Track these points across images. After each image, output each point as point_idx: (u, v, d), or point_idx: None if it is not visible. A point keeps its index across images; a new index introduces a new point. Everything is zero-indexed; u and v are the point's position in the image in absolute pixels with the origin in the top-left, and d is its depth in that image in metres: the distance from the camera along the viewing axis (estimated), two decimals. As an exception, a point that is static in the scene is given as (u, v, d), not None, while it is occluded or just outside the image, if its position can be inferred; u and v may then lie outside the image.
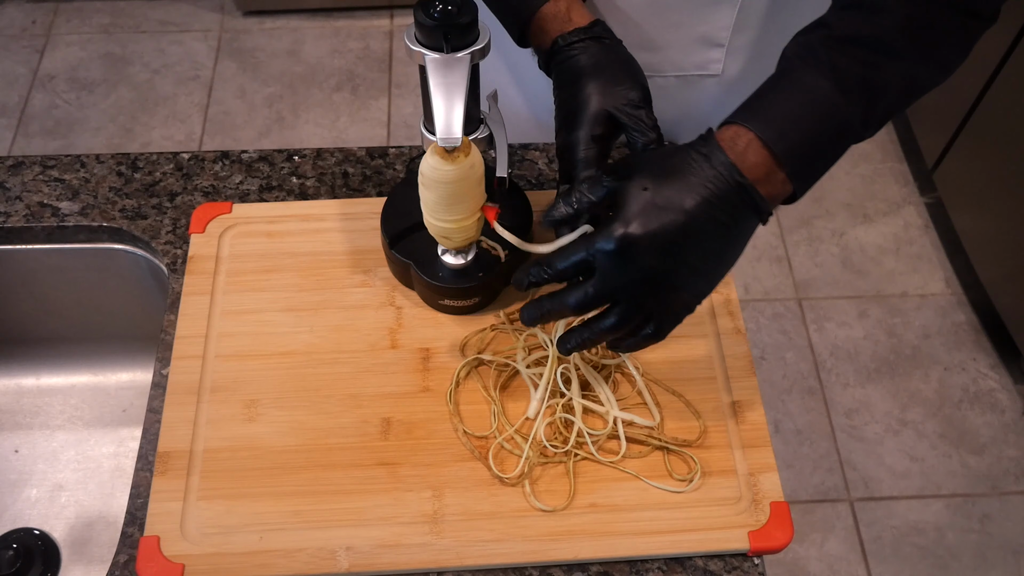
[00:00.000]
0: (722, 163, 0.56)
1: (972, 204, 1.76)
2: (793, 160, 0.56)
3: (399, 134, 2.06)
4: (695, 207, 0.55)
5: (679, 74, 0.84)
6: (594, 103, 0.63)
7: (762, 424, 0.71)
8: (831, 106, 0.56)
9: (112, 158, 0.87)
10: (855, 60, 0.56)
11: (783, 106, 0.57)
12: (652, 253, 0.56)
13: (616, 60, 0.66)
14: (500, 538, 0.65)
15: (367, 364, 0.73)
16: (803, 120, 0.56)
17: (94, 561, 0.86)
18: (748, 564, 0.66)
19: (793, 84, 0.57)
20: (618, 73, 0.65)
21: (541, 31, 0.68)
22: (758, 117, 0.56)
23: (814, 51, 0.57)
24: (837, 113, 0.56)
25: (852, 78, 0.56)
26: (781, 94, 0.57)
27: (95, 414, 0.95)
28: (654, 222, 0.55)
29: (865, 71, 0.56)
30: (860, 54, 0.56)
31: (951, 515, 1.56)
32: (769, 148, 0.56)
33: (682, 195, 0.55)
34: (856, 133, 0.58)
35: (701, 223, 0.55)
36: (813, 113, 0.56)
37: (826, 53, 0.56)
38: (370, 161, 0.87)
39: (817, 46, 0.57)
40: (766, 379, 1.70)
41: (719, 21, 0.79)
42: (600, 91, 0.63)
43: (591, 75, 0.64)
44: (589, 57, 0.65)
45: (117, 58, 2.19)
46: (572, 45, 0.66)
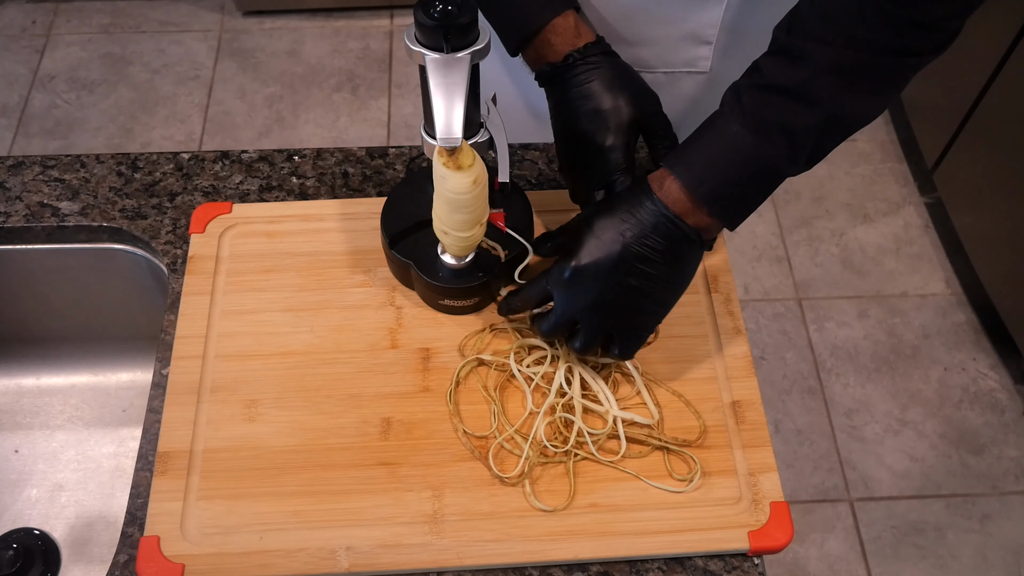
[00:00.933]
0: (650, 200, 0.62)
1: (972, 204, 1.76)
2: (712, 202, 0.62)
3: (399, 134, 2.06)
4: (631, 237, 0.62)
5: (667, 71, 0.85)
6: (625, 112, 0.67)
7: (762, 424, 0.71)
8: (749, 151, 0.60)
9: (112, 158, 0.87)
10: (774, 107, 0.60)
11: (703, 153, 0.62)
12: (598, 279, 0.64)
13: (631, 73, 0.70)
14: (500, 538, 0.65)
15: (367, 364, 0.73)
16: (720, 165, 0.61)
17: (94, 561, 0.86)
18: (748, 564, 0.66)
19: (716, 132, 0.62)
20: (640, 85, 0.69)
21: (547, 44, 0.69)
22: (681, 163, 0.62)
23: (739, 97, 0.61)
24: (756, 157, 0.60)
25: (770, 124, 0.60)
26: (703, 141, 0.62)
27: (95, 414, 0.95)
28: (595, 252, 0.63)
29: (783, 117, 0.59)
30: (779, 101, 0.60)
31: (951, 515, 1.56)
32: (687, 191, 0.61)
33: (618, 229, 0.63)
34: (783, 172, 0.62)
35: (637, 250, 0.63)
36: (731, 158, 0.61)
37: (748, 100, 0.60)
38: (370, 161, 0.87)
39: (743, 92, 0.61)
40: (766, 379, 1.70)
41: (707, 18, 0.80)
42: (628, 101, 0.68)
43: (615, 87, 0.68)
44: (607, 71, 0.68)
45: (117, 58, 2.19)
46: (588, 59, 0.68)
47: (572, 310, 0.66)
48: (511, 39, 0.71)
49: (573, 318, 0.66)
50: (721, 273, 0.79)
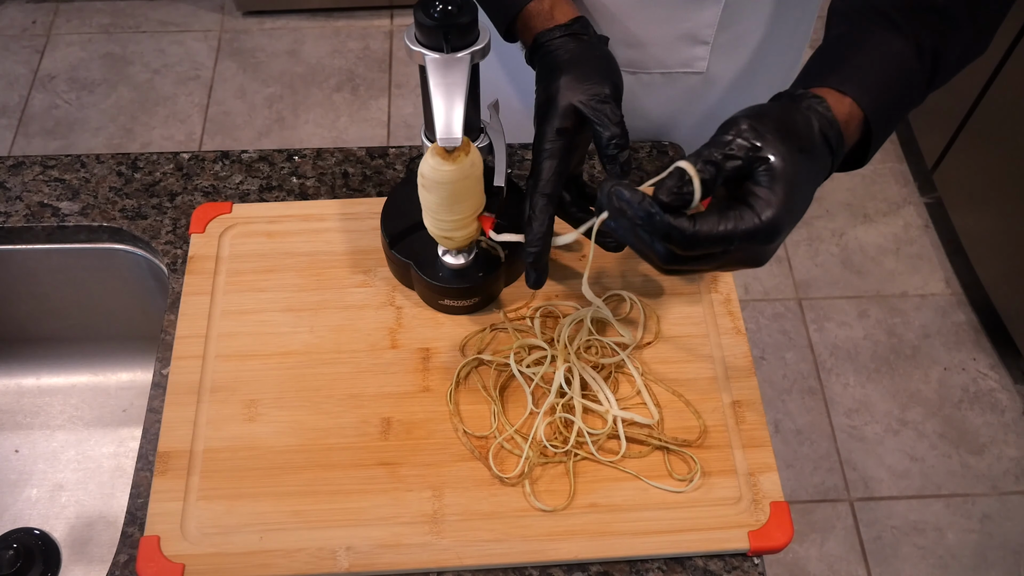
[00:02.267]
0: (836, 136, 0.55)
1: (972, 204, 1.76)
2: (879, 123, 0.57)
3: (399, 134, 2.06)
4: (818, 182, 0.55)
5: (664, 71, 0.85)
6: (562, 97, 0.64)
7: (762, 424, 0.71)
8: (910, 71, 0.57)
9: (112, 158, 0.87)
10: (927, 26, 0.57)
11: (872, 69, 0.57)
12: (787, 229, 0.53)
13: (590, 57, 0.66)
14: (500, 538, 0.65)
15: (367, 364, 0.73)
16: (890, 83, 0.57)
17: (94, 561, 0.86)
18: (748, 564, 0.66)
19: (877, 48, 0.57)
20: (590, 69, 0.65)
21: (525, 28, 0.70)
22: (853, 82, 0.56)
23: (888, 15, 0.58)
24: (913, 78, 0.58)
25: (926, 44, 0.57)
26: (868, 57, 0.57)
27: (95, 414, 0.95)
28: (800, 205, 0.53)
29: (935, 38, 0.58)
30: (931, 21, 0.57)
31: (951, 515, 1.56)
32: (864, 112, 0.56)
33: (814, 172, 0.54)
34: (918, 100, 0.59)
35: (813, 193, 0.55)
36: (897, 77, 0.57)
37: (902, 18, 0.57)
38: (370, 161, 0.87)
39: (890, 10, 0.58)
40: (766, 379, 1.70)
41: (704, 19, 0.80)
42: (569, 85, 0.64)
43: (563, 70, 0.65)
44: (565, 53, 0.66)
45: (117, 58, 2.19)
46: (551, 41, 0.67)
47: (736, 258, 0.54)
48: (498, 24, 0.72)
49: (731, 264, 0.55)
50: (721, 273, 0.79)
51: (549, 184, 0.64)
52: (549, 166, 0.64)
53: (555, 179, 0.65)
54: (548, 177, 0.64)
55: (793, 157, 0.52)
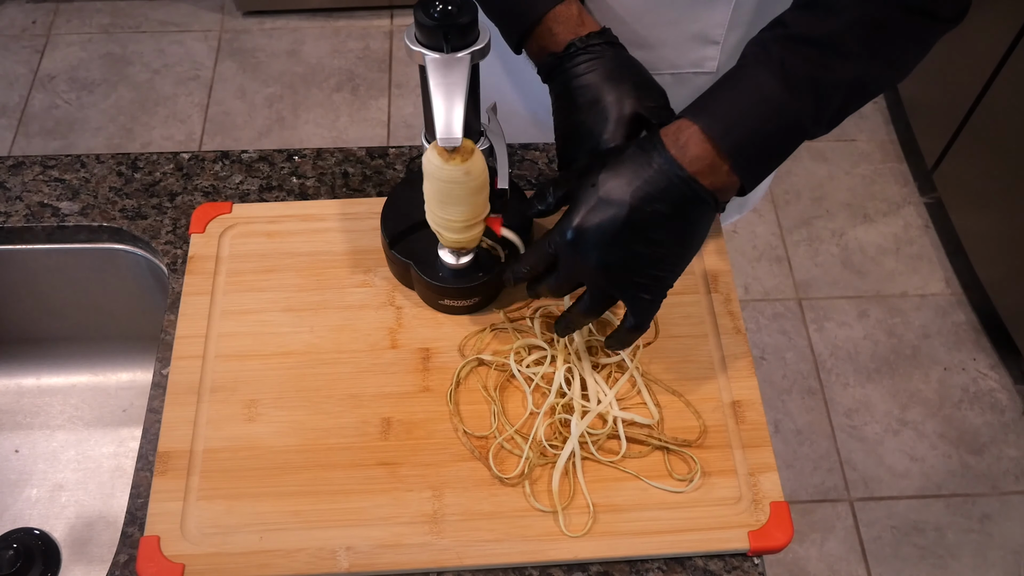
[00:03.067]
0: (663, 158, 0.58)
1: (972, 204, 1.76)
2: (737, 154, 0.58)
3: (399, 134, 2.06)
4: (636, 201, 0.58)
5: (674, 72, 0.85)
6: (625, 105, 0.65)
7: (762, 424, 0.71)
8: (778, 104, 0.57)
9: (112, 158, 0.87)
10: (805, 59, 0.57)
11: (731, 102, 0.58)
12: (600, 243, 0.60)
13: (634, 65, 0.67)
14: (500, 538, 0.65)
15: (367, 364, 0.73)
16: (749, 116, 0.58)
17: (94, 561, 0.86)
18: (748, 564, 0.66)
19: (742, 81, 0.59)
20: (643, 77, 0.67)
21: (549, 34, 0.68)
22: (706, 112, 0.58)
23: (767, 49, 0.58)
24: (784, 111, 0.58)
25: (801, 77, 0.57)
26: (730, 91, 0.59)
27: (95, 414, 0.95)
28: (597, 215, 0.59)
29: (814, 70, 0.57)
30: (810, 53, 0.57)
31: (951, 515, 1.56)
32: (712, 142, 0.57)
33: (624, 190, 0.59)
34: (806, 131, 0.59)
35: (643, 215, 0.59)
36: (760, 110, 0.58)
37: (778, 51, 0.58)
38: (370, 161, 0.87)
39: (771, 44, 0.58)
40: (766, 379, 1.70)
41: (714, 19, 0.79)
42: (630, 94, 0.65)
43: (616, 78, 0.65)
44: (609, 61, 0.66)
45: (117, 58, 2.19)
46: (590, 48, 0.66)
47: (576, 272, 0.63)
48: (513, 31, 0.69)
49: (578, 280, 0.64)
50: (721, 273, 0.79)
51: None
52: None
53: None
54: None
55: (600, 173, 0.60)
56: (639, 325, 0.65)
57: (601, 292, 0.64)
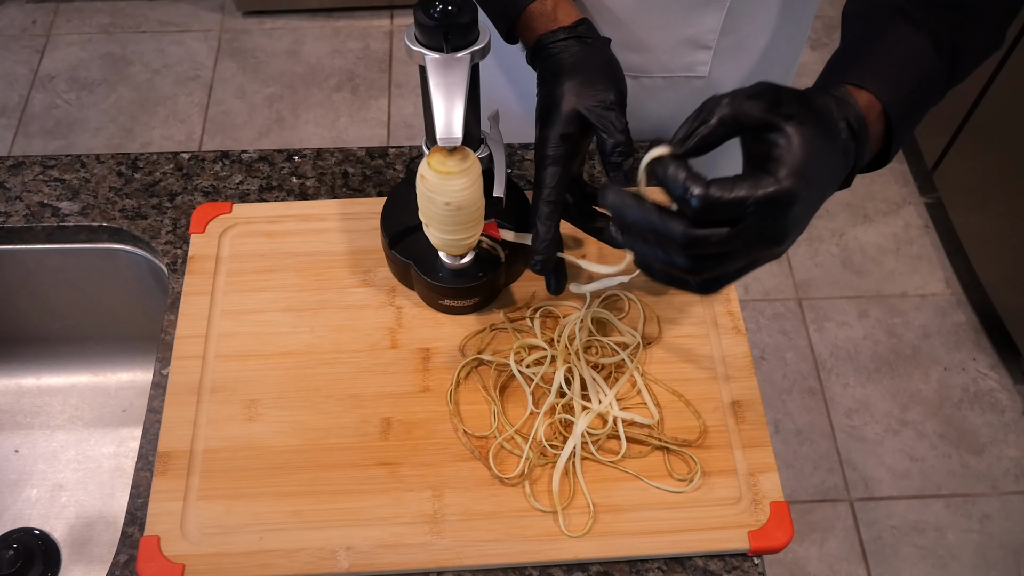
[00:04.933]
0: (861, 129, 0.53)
1: (972, 204, 1.76)
2: (900, 119, 0.56)
3: (399, 134, 2.06)
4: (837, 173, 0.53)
5: (666, 75, 0.85)
6: (566, 102, 0.63)
7: (762, 424, 0.71)
8: (930, 66, 0.57)
9: (112, 158, 0.87)
10: (945, 22, 0.57)
11: (891, 64, 0.56)
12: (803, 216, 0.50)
13: (596, 61, 0.65)
14: (500, 538, 0.65)
15: (367, 364, 0.73)
16: (909, 79, 0.56)
17: (94, 561, 0.86)
18: (748, 564, 0.66)
19: (897, 43, 0.57)
20: (595, 74, 0.64)
21: (528, 28, 0.69)
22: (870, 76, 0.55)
23: (905, 11, 0.57)
24: (933, 73, 0.57)
25: (944, 39, 0.57)
26: (887, 53, 0.56)
27: (95, 414, 0.95)
28: (818, 179, 0.50)
29: (953, 34, 0.57)
30: (950, 16, 0.57)
31: (951, 515, 1.56)
32: (885, 108, 0.55)
33: (834, 153, 0.51)
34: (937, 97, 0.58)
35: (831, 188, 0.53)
36: (917, 72, 0.56)
37: (920, 13, 0.57)
38: (370, 161, 0.87)
39: (907, 6, 0.57)
40: (766, 379, 1.70)
41: (706, 24, 0.79)
42: (574, 91, 0.63)
43: (568, 74, 0.64)
44: (569, 56, 0.65)
45: (117, 58, 2.19)
46: (555, 43, 0.66)
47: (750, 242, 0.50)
48: (499, 25, 0.71)
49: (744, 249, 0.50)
50: (721, 273, 0.79)
51: (554, 191, 0.64)
52: (553, 172, 0.64)
53: (560, 185, 0.64)
54: (552, 184, 0.64)
55: (812, 128, 0.49)
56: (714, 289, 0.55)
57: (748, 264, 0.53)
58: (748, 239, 0.49)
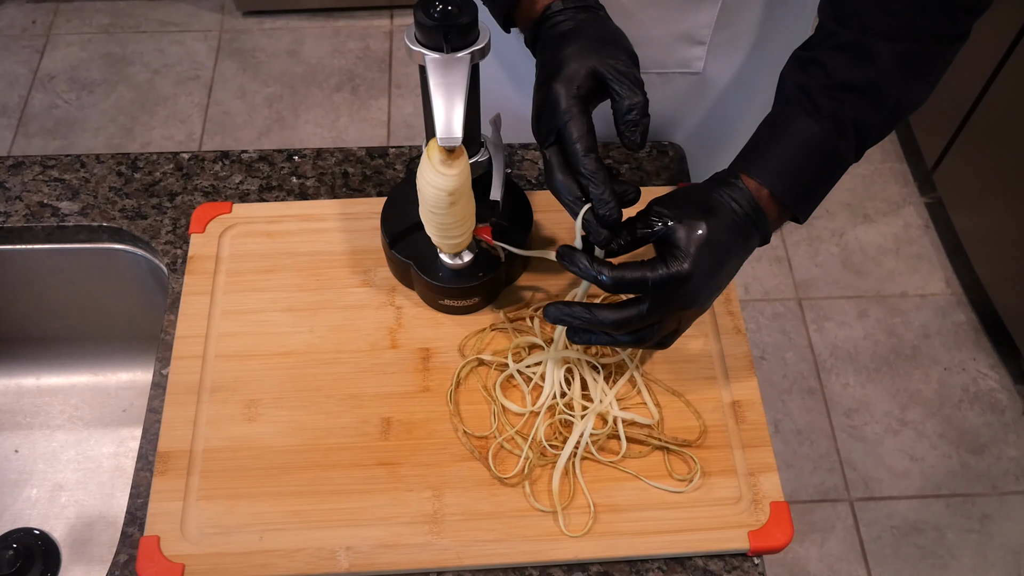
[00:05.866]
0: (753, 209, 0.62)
1: (972, 204, 1.76)
2: (798, 204, 0.63)
3: (399, 134, 2.06)
4: (735, 246, 0.62)
5: (660, 71, 0.85)
6: (580, 61, 0.60)
7: (762, 424, 0.71)
8: (831, 149, 0.61)
9: (112, 158, 0.87)
10: (851, 106, 0.61)
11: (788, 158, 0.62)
12: (702, 286, 0.61)
13: (607, 27, 0.64)
14: (500, 538, 0.65)
15: (367, 364, 0.73)
16: (807, 168, 0.62)
17: (94, 561, 0.86)
18: (748, 564, 0.66)
19: (795, 134, 0.62)
20: (606, 36, 0.62)
21: (530, 4, 0.65)
22: (767, 170, 0.62)
23: (811, 97, 0.61)
24: (835, 154, 0.62)
25: (847, 122, 0.61)
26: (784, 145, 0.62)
27: (95, 414, 0.95)
28: (708, 261, 0.60)
29: (859, 115, 0.61)
30: (855, 100, 0.61)
31: (951, 515, 1.56)
32: (778, 200, 0.62)
33: (727, 237, 0.61)
34: (848, 164, 0.64)
35: (736, 258, 0.62)
36: (815, 160, 0.62)
37: (826, 102, 0.61)
38: (370, 161, 0.87)
39: (815, 93, 0.61)
40: (766, 379, 1.70)
41: (701, 19, 0.79)
42: (589, 49, 0.60)
43: (579, 36, 0.62)
44: (578, 22, 0.63)
45: (117, 58, 2.19)
46: (563, 11, 0.63)
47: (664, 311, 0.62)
48: (497, 7, 0.67)
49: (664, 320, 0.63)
50: (721, 273, 0.79)
51: (586, 139, 0.59)
52: (580, 124, 0.59)
53: (590, 135, 0.60)
54: (583, 133, 0.59)
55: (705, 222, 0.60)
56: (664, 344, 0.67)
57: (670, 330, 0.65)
58: (664, 309, 0.61)
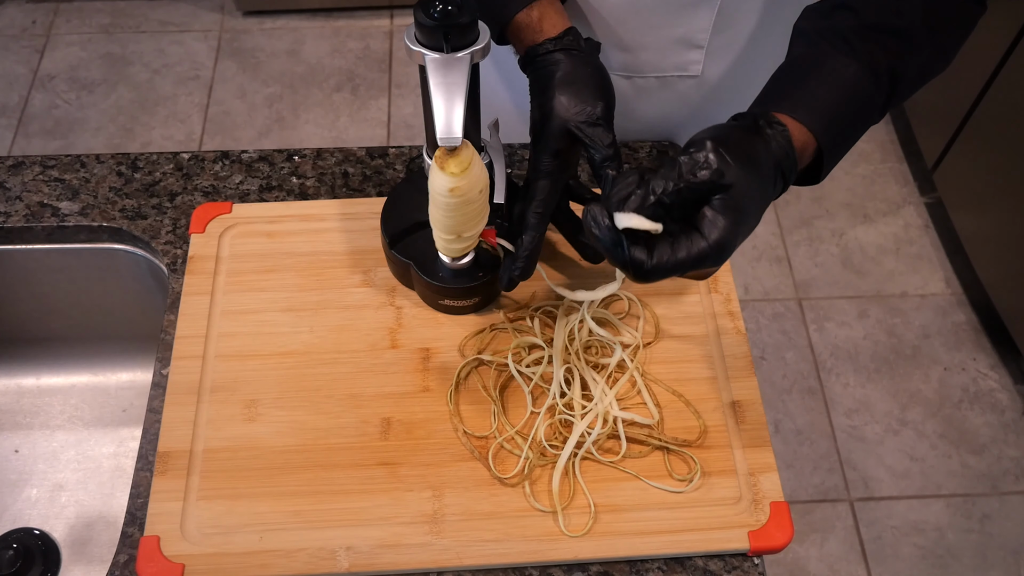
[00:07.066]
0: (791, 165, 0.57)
1: (972, 204, 1.76)
2: (833, 148, 0.59)
3: (399, 134, 2.06)
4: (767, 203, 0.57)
5: (658, 75, 0.85)
6: (556, 118, 0.65)
7: (762, 424, 0.71)
8: (865, 94, 0.59)
9: (112, 158, 0.87)
10: (885, 50, 0.59)
11: (826, 96, 0.59)
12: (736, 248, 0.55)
13: (582, 73, 0.66)
14: (500, 538, 0.65)
15: (367, 364, 0.73)
16: (842, 109, 0.59)
17: (94, 561, 0.86)
18: (748, 564, 0.66)
19: (832, 73, 0.59)
20: (582, 87, 0.65)
21: (516, 39, 0.70)
22: (803, 107, 0.58)
23: (846, 38, 0.59)
24: (868, 100, 0.59)
25: (883, 67, 0.59)
26: (823, 84, 0.59)
27: (95, 414, 0.95)
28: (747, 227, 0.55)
29: (894, 61, 0.59)
30: (891, 44, 0.59)
31: (951, 515, 1.56)
32: (816, 138, 0.58)
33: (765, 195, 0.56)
34: (873, 118, 0.61)
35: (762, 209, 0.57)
36: (850, 102, 0.59)
37: (859, 41, 0.59)
38: (370, 161, 0.87)
39: (848, 34, 0.59)
40: (766, 379, 1.70)
41: (698, 23, 0.79)
42: (562, 106, 0.65)
43: (556, 88, 0.66)
44: (556, 69, 0.66)
45: (117, 58, 2.19)
46: (543, 56, 0.67)
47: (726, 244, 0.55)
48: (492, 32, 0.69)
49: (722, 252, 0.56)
50: (721, 273, 0.79)
51: (542, 203, 0.67)
52: (544, 186, 0.67)
53: (549, 198, 0.68)
54: (543, 197, 0.67)
55: (750, 184, 0.54)
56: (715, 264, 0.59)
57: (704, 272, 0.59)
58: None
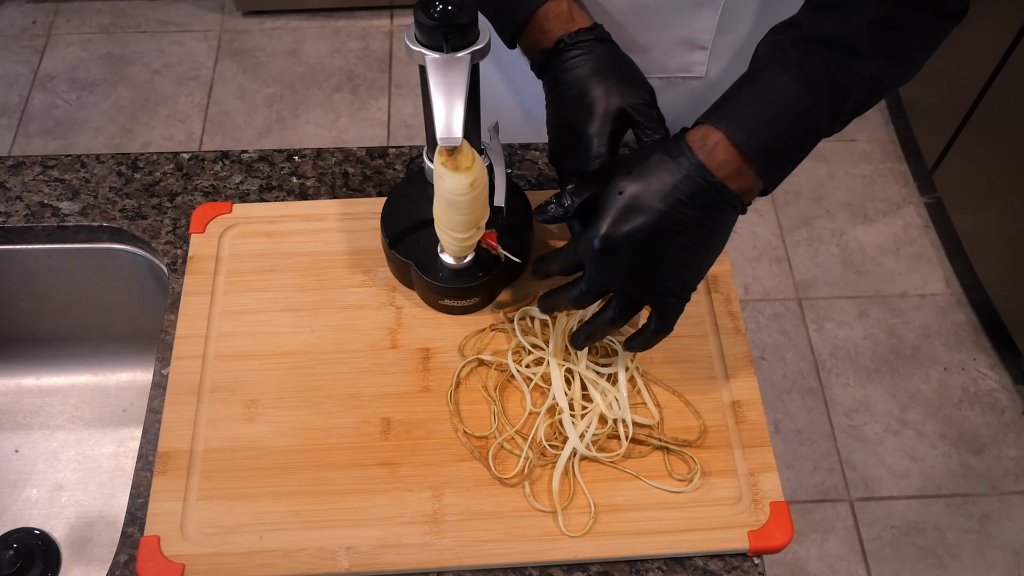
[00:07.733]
0: (692, 164, 0.59)
1: (972, 204, 1.76)
2: (761, 158, 0.59)
3: (399, 134, 2.06)
4: (666, 208, 0.59)
5: (662, 76, 0.85)
6: (611, 100, 0.65)
7: (762, 424, 0.71)
8: (799, 106, 0.58)
9: (112, 158, 0.87)
10: (823, 61, 0.58)
11: (752, 107, 0.59)
12: (629, 250, 0.60)
13: (624, 61, 0.68)
14: (500, 538, 0.65)
15: (367, 364, 0.73)
16: (771, 120, 0.58)
17: (94, 561, 0.86)
18: (748, 564, 0.66)
19: (762, 85, 0.59)
20: (628, 73, 0.67)
21: (540, 30, 0.68)
22: (728, 117, 0.59)
23: (783, 52, 0.59)
24: (805, 112, 0.59)
25: (820, 78, 0.58)
26: (750, 95, 0.59)
27: (95, 414, 0.95)
28: (627, 223, 0.59)
29: (832, 71, 0.58)
30: (828, 55, 0.58)
31: (951, 515, 1.56)
32: (738, 148, 0.58)
33: (653, 196, 0.59)
34: (825, 130, 0.60)
35: (672, 220, 0.59)
36: (781, 113, 0.59)
37: (795, 54, 0.58)
38: (370, 161, 0.87)
39: (787, 46, 0.59)
40: (766, 379, 1.70)
41: (702, 24, 0.79)
42: (615, 89, 0.65)
43: (603, 74, 0.66)
44: (597, 57, 0.66)
45: (117, 58, 2.19)
46: (579, 44, 0.66)
47: (603, 280, 0.62)
48: (506, 27, 0.70)
49: (605, 288, 0.63)
50: (721, 273, 0.79)
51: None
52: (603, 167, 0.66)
53: None
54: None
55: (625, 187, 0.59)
56: (664, 327, 0.65)
57: (628, 299, 0.63)
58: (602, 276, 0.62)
